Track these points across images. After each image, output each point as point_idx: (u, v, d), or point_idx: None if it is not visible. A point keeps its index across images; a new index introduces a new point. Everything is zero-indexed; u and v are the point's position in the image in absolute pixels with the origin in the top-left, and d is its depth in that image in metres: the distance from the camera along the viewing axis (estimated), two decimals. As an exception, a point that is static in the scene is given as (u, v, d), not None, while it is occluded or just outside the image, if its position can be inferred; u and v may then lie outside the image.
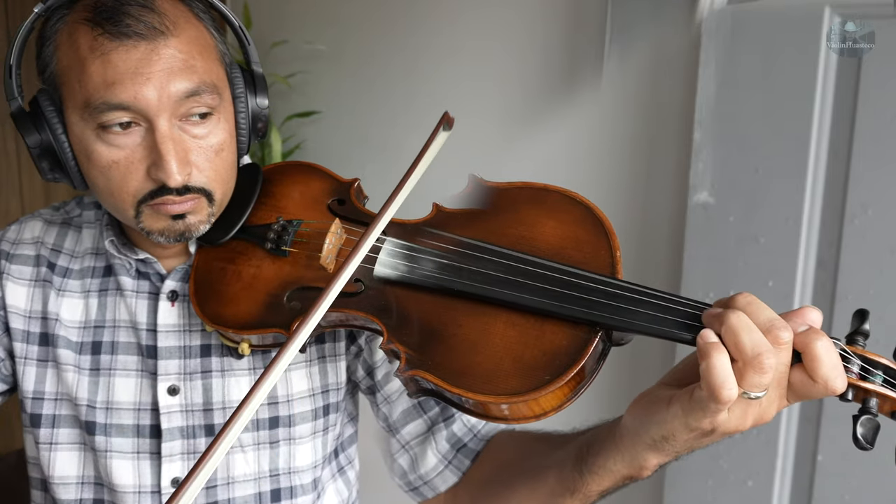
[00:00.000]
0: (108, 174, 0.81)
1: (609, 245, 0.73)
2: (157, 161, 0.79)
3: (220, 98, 0.83)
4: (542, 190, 0.79)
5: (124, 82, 0.77)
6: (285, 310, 0.81)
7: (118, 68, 0.77)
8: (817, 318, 0.61)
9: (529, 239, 0.75)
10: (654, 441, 0.65)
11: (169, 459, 0.90)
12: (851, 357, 0.61)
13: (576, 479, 0.73)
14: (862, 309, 0.64)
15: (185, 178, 0.80)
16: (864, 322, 0.64)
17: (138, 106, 0.78)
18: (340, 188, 0.89)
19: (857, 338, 0.63)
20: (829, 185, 1.29)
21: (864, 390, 0.60)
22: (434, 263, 0.75)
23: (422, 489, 0.93)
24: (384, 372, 0.92)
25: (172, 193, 0.80)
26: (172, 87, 0.78)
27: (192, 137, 0.81)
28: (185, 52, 0.80)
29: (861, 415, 0.59)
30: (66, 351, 0.92)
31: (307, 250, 0.83)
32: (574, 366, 0.66)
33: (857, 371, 0.60)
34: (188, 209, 0.82)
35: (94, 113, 0.78)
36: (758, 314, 0.59)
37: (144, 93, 0.77)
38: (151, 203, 0.81)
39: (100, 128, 0.79)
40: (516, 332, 0.70)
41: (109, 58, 0.77)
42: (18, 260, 0.95)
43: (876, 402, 0.60)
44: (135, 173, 0.80)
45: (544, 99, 1.72)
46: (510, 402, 0.67)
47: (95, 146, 0.80)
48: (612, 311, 0.67)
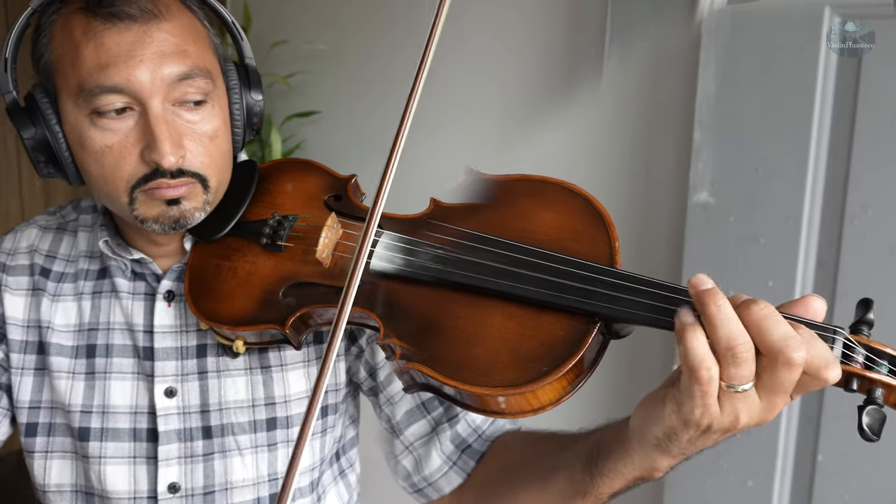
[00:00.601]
0: (102, 160, 0.81)
1: (608, 235, 0.72)
2: (150, 143, 0.79)
3: (213, 84, 0.84)
4: (540, 182, 0.78)
5: (118, 65, 0.77)
6: (281, 305, 0.80)
7: (111, 51, 0.78)
8: (821, 308, 0.61)
9: (527, 230, 0.75)
10: (658, 440, 0.64)
11: (166, 464, 0.89)
12: (856, 346, 0.60)
13: (586, 481, 0.73)
14: (866, 298, 0.63)
15: (178, 161, 0.80)
16: (869, 311, 0.63)
17: (131, 88, 0.78)
18: (337, 184, 0.88)
19: (862, 327, 0.63)
20: (829, 185, 1.29)
21: (868, 380, 0.59)
22: (431, 256, 0.75)
23: (426, 490, 0.92)
24: (386, 373, 0.92)
25: (167, 176, 0.80)
26: (165, 69, 0.79)
27: (185, 122, 0.82)
28: (178, 35, 0.80)
29: (866, 405, 0.58)
30: (59, 358, 0.91)
31: (303, 245, 0.83)
32: (572, 357, 0.66)
33: (862, 361, 0.60)
34: (182, 193, 0.82)
35: (88, 98, 0.79)
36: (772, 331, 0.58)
37: (137, 75, 0.78)
38: (145, 188, 0.81)
39: (94, 113, 0.79)
40: (514, 323, 0.69)
41: (102, 40, 0.78)
42: (15, 271, 0.95)
43: (882, 393, 0.59)
44: (128, 157, 0.80)
45: (544, 99, 1.72)
46: (507, 394, 0.66)
47: (89, 132, 0.80)
48: (611, 301, 0.66)
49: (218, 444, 0.90)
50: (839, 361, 0.59)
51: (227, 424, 0.90)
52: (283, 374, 0.92)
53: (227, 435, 0.90)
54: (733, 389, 0.58)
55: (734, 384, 0.58)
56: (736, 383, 0.58)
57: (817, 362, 0.57)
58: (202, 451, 0.90)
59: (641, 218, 1.59)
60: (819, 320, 0.62)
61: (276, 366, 0.92)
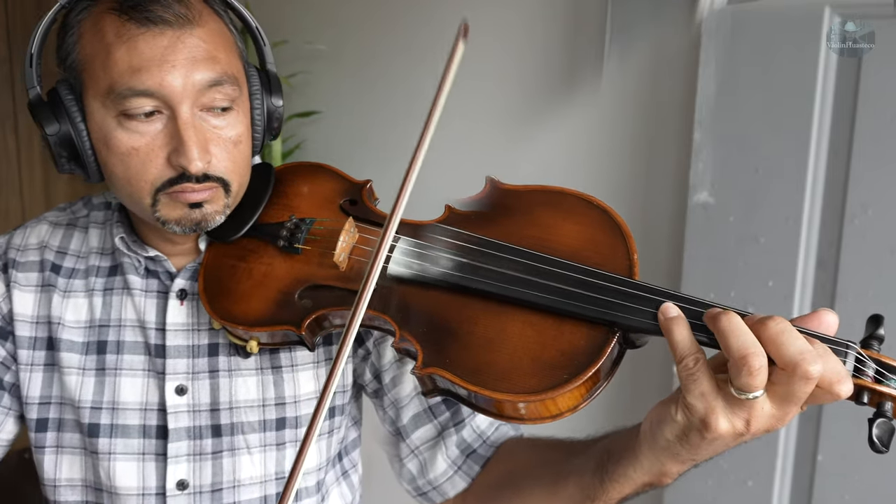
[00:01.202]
0: (127, 161, 0.81)
1: (626, 247, 0.73)
2: (178, 147, 0.79)
3: (240, 91, 0.84)
4: (559, 193, 0.79)
5: (150, 69, 0.78)
6: (297, 307, 0.81)
7: (144, 54, 0.78)
8: (833, 323, 0.62)
9: (546, 240, 0.75)
10: (669, 444, 0.65)
11: (175, 461, 0.90)
12: (866, 360, 0.61)
13: (596, 486, 0.73)
14: (877, 314, 0.65)
15: (205, 166, 0.81)
16: (880, 327, 0.64)
17: (163, 93, 0.78)
18: (352, 189, 0.89)
19: (872, 342, 0.64)
20: (829, 185, 1.29)
21: (879, 393, 0.61)
22: (449, 262, 0.75)
23: (430, 494, 0.93)
24: (392, 375, 0.92)
25: (192, 181, 0.81)
26: (197, 75, 0.79)
27: (212, 128, 0.82)
28: (209, 42, 0.81)
29: (876, 418, 0.60)
30: (69, 354, 0.91)
31: (320, 248, 0.83)
32: (592, 365, 0.66)
33: (872, 375, 0.61)
34: (206, 198, 0.83)
35: (117, 99, 0.79)
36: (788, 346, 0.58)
37: (170, 80, 0.78)
38: (169, 191, 0.81)
39: (122, 115, 0.80)
40: (534, 331, 0.70)
41: (136, 44, 0.78)
42: (25, 267, 0.95)
43: (891, 406, 0.61)
44: (155, 160, 0.81)
45: (544, 99, 1.72)
46: (528, 400, 0.67)
47: (116, 133, 0.80)
48: (630, 312, 0.67)
49: (227, 442, 0.91)
50: (851, 375, 0.60)
51: (236, 423, 0.90)
52: (293, 375, 0.92)
53: (236, 434, 0.90)
54: (745, 396, 0.60)
55: (745, 392, 0.59)
56: (747, 391, 0.59)
57: (830, 376, 0.59)
58: (211, 448, 0.90)
59: (641, 218, 1.59)
60: (832, 334, 0.63)
61: (286, 366, 0.92)
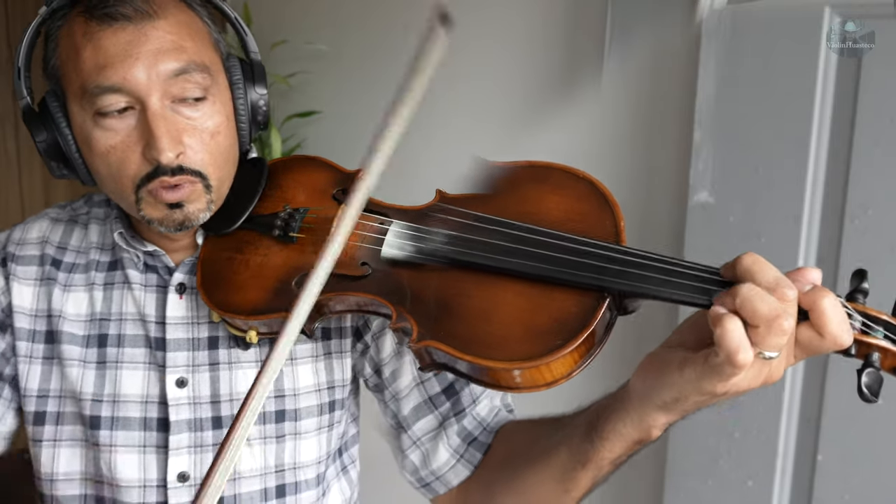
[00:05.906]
0: (108, 160, 0.82)
1: (613, 215, 0.74)
2: (149, 140, 0.80)
3: (212, 80, 0.84)
4: (545, 168, 0.81)
5: (114, 65, 0.79)
6: (293, 295, 0.82)
7: (108, 51, 0.79)
8: (817, 277, 0.63)
9: (535, 213, 0.77)
10: (665, 403, 0.66)
11: (176, 453, 0.90)
12: (853, 313, 0.63)
13: (587, 449, 0.74)
14: (860, 269, 0.66)
15: (177, 157, 0.81)
16: (864, 280, 0.66)
17: (128, 87, 0.79)
18: (344, 178, 0.90)
19: (857, 295, 0.65)
20: (829, 185, 1.29)
21: (866, 345, 0.62)
22: (442, 238, 0.77)
23: (434, 484, 0.93)
24: (392, 369, 0.93)
25: (167, 174, 0.81)
26: (161, 66, 0.80)
27: (186, 119, 0.83)
28: (174, 33, 0.81)
29: (864, 368, 0.61)
30: (71, 346, 0.92)
31: (314, 236, 0.85)
32: (585, 329, 0.67)
33: (859, 326, 0.62)
34: (183, 196, 0.83)
35: (90, 99, 0.80)
36: (764, 273, 0.61)
37: (134, 73, 0.79)
38: (148, 187, 0.82)
39: (97, 114, 0.81)
40: (525, 300, 0.71)
41: (100, 42, 0.80)
42: (23, 261, 0.95)
43: (878, 357, 0.62)
44: (132, 156, 0.82)
45: (544, 99, 1.72)
46: (523, 367, 0.68)
47: (94, 133, 0.82)
48: (619, 276, 0.68)
49: None
50: None
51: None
52: (292, 368, 0.93)
53: None
54: (762, 356, 0.60)
55: (766, 352, 0.60)
56: (766, 351, 0.59)
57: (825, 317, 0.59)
58: (212, 440, 0.91)
59: (641, 218, 1.59)
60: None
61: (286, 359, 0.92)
